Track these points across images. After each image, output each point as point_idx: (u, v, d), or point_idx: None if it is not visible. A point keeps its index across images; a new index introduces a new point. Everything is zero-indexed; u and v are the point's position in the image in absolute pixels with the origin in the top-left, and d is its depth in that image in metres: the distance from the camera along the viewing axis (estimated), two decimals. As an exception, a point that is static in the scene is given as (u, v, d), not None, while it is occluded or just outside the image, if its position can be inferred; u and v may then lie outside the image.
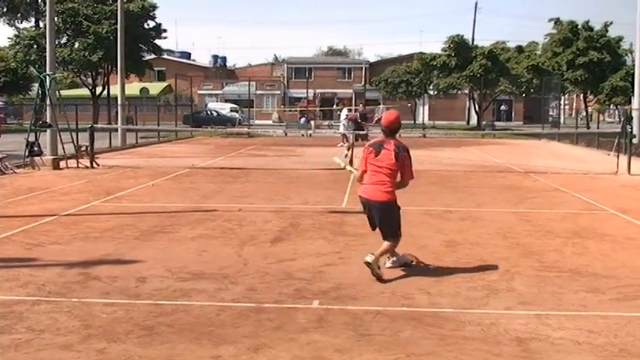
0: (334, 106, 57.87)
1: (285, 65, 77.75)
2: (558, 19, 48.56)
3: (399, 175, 7.13)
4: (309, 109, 54.27)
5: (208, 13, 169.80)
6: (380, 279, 6.77)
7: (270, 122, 63.48)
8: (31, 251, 8.10)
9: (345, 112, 31.98)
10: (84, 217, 10.59)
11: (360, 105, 25.16)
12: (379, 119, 35.74)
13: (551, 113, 49.01)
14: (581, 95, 51.57)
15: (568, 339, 5.17)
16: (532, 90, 53.33)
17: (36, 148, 18.57)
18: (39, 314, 5.66)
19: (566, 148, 30.12)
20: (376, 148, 7.13)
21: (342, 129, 30.72)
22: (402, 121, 7.97)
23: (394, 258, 7.36)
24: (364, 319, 5.60)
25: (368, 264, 6.78)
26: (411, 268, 7.35)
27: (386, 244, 7.11)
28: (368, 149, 7.25)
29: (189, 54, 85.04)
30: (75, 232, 9.31)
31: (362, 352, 4.87)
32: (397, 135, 7.53)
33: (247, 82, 54.28)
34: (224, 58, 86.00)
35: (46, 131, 19.52)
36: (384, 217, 7.11)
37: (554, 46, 48.23)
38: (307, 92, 57.15)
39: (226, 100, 68.18)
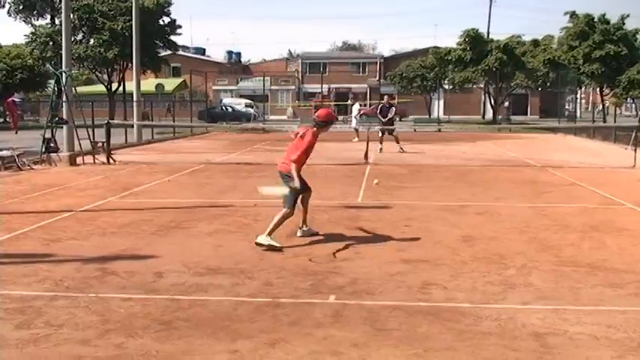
0: (349, 101, 57.72)
1: (300, 60, 77.65)
2: (574, 12, 48.15)
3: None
4: (324, 104, 54.20)
5: (222, 9, 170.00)
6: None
7: (284, 117, 63.49)
8: (49, 247, 8.16)
9: (357, 106, 31.92)
10: (101, 212, 10.65)
11: (385, 97, 24.97)
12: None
13: (567, 107, 48.76)
14: (598, 89, 51.09)
15: (586, 334, 5.14)
16: (548, 84, 52.97)
17: (52, 145, 18.66)
18: (57, 309, 5.70)
19: (582, 142, 29.92)
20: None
21: (354, 123, 30.70)
22: (418, 116, 8.39)
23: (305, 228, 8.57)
24: (381, 314, 5.59)
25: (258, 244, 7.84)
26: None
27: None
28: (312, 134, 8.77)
29: (204, 50, 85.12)
30: (92, 227, 9.36)
31: (379, 347, 4.86)
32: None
33: (262, 78, 54.23)
34: (238, 54, 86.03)
35: (62, 128, 19.64)
36: None
37: (570, 39, 47.81)
38: (322, 87, 57.15)
39: (241, 96, 68.27)
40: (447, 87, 59.70)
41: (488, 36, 57.82)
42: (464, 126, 44.35)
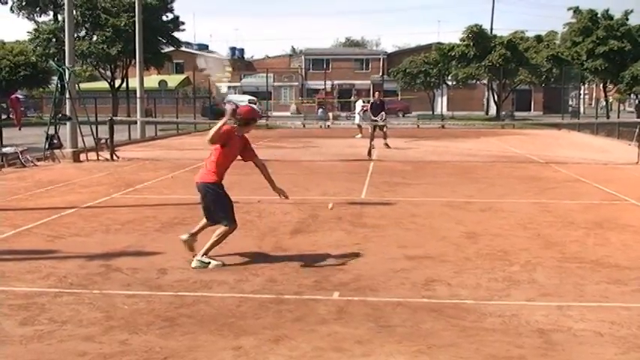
0: (352, 98, 57.67)
1: (303, 57, 77.60)
2: (577, 7, 48.14)
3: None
4: (327, 100, 54.17)
5: (226, 5, 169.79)
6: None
7: (288, 114, 63.43)
8: (53, 243, 8.17)
9: (360, 103, 31.89)
10: (104, 209, 10.66)
11: (376, 94, 24.72)
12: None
13: (570, 103, 48.68)
14: (601, 85, 51.07)
15: (590, 330, 5.13)
16: (551, 80, 52.91)
17: (56, 141, 18.69)
18: (61, 306, 5.70)
19: (586, 138, 29.87)
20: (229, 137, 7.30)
21: (357, 120, 30.71)
22: (421, 112, 8.10)
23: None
24: (385, 310, 5.59)
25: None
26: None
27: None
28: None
29: (207, 46, 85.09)
30: (96, 224, 9.37)
31: (383, 343, 4.86)
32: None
33: (265, 74, 54.25)
34: (242, 50, 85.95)
35: (65, 124, 19.66)
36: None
37: (574, 35, 47.82)
38: (325, 84, 57.01)
39: (244, 92, 68.22)
40: (450, 83, 59.65)
41: (491, 32, 57.75)
42: (467, 122, 44.29)
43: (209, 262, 6.98)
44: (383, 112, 23.06)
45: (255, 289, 6.17)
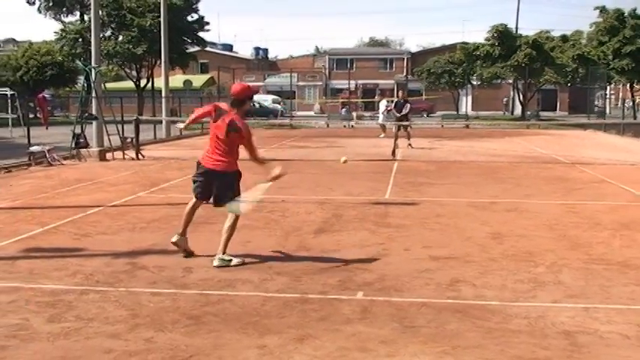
0: (375, 97, 57.60)
1: (327, 56, 77.60)
2: (604, 7, 47.52)
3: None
4: (351, 100, 54.12)
5: (250, 5, 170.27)
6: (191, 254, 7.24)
7: (311, 113, 63.49)
8: (79, 241, 8.24)
9: (384, 102, 31.82)
10: (130, 207, 10.74)
11: (400, 93, 24.83)
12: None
13: (596, 103, 48.13)
14: (628, 85, 50.41)
15: (617, 333, 5.08)
16: (577, 80, 52.39)
17: (82, 140, 18.85)
18: (87, 303, 5.76)
19: (612, 138, 29.54)
20: (217, 113, 7.09)
21: (381, 119, 30.66)
22: (445, 112, 7.97)
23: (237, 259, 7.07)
24: (409, 310, 5.57)
25: (174, 243, 7.24)
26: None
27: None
28: (213, 108, 7.23)
29: (232, 46, 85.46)
30: (122, 222, 9.45)
31: (407, 344, 4.85)
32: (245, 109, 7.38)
33: (289, 74, 54.32)
34: (266, 50, 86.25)
35: (92, 123, 19.82)
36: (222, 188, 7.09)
37: (600, 34, 47.21)
38: (349, 83, 56.99)
39: (268, 92, 68.38)
40: (475, 83, 59.32)
41: (516, 31, 57.32)
42: (492, 122, 44.01)
43: (230, 260, 7.00)
44: (408, 104, 23.19)
45: (280, 288, 6.19)
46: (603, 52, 46.15)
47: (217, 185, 7.11)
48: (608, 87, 55.31)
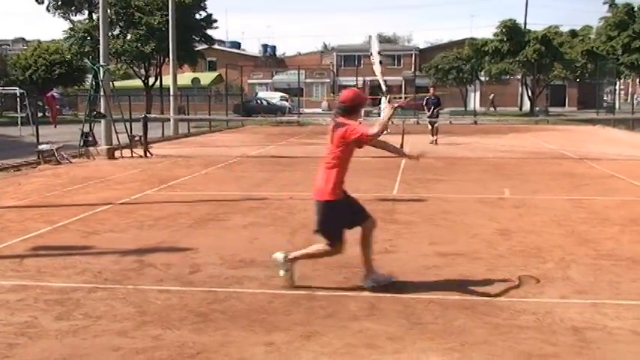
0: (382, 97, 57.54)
1: (335, 53, 77.54)
2: (613, 1, 47.24)
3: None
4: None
5: (257, 2, 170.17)
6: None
7: (319, 110, 63.42)
8: (88, 239, 8.26)
9: (384, 100, 31.78)
10: (138, 205, 10.76)
11: (431, 89, 25.31)
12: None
13: (605, 98, 47.88)
14: (637, 80, 50.22)
15: (626, 329, 5.05)
16: (586, 75, 52.17)
17: (90, 139, 18.94)
18: (95, 301, 5.77)
19: (621, 134, 29.40)
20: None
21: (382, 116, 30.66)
22: (454, 108, 7.87)
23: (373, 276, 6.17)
24: (416, 307, 5.56)
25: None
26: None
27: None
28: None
29: (239, 43, 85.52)
30: (130, 220, 9.47)
31: (415, 340, 4.84)
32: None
33: (297, 71, 54.33)
34: (273, 47, 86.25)
35: (100, 122, 19.89)
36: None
37: (609, 29, 46.94)
38: (356, 80, 56.91)
39: (276, 89, 68.43)
40: (483, 79, 59.12)
41: (525, 27, 57.06)
42: (501, 118, 43.87)
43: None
44: (439, 106, 23.66)
45: (287, 285, 6.18)
46: (612, 46, 45.89)
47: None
48: (618, 82, 55.02)
